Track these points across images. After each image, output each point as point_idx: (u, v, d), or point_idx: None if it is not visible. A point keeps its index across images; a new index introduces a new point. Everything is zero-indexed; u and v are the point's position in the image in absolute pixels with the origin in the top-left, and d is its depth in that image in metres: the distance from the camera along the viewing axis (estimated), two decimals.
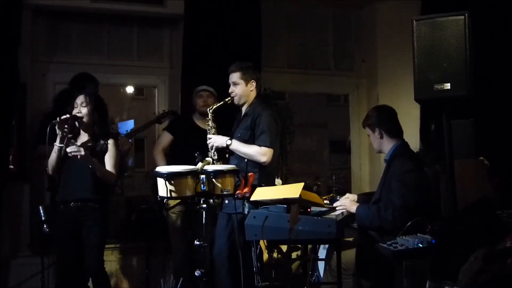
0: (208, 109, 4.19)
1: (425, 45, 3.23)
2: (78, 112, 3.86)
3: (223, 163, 4.05)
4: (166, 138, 4.80)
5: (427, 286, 2.54)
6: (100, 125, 3.95)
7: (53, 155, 3.80)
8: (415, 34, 3.26)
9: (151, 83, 5.80)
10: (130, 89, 13.35)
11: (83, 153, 3.69)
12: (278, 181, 4.92)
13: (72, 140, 3.87)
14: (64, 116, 3.75)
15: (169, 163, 4.53)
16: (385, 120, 3.63)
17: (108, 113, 4.11)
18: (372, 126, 3.67)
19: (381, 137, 3.63)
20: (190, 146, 4.39)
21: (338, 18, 6.33)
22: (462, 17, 3.17)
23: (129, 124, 4.90)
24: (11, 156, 4.72)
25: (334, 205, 3.63)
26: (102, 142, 3.92)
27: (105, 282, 4.06)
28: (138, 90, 14.31)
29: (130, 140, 4.81)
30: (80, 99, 3.89)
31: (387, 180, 3.49)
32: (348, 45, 6.39)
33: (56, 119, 3.71)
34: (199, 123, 4.73)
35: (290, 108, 6.02)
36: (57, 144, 3.77)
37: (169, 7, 5.36)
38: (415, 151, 4.16)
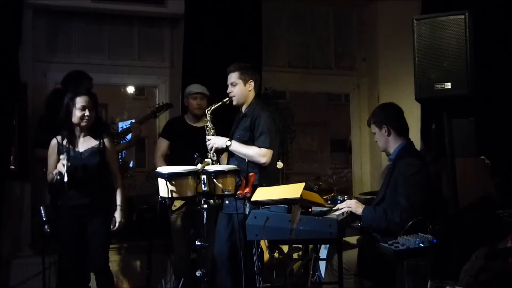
0: (206, 110, 4.19)
1: (425, 45, 3.23)
2: (87, 115, 3.80)
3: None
4: (163, 144, 4.82)
5: (428, 285, 2.53)
6: (97, 126, 3.96)
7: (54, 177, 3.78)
8: (416, 33, 3.26)
9: (151, 83, 5.80)
10: (130, 89, 13.33)
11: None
12: (279, 164, 4.91)
13: (71, 146, 3.86)
14: (57, 171, 3.70)
15: (170, 165, 4.54)
16: (393, 117, 3.59)
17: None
18: (379, 123, 3.62)
19: (388, 135, 3.58)
20: (187, 147, 4.42)
21: (338, 17, 6.33)
22: (463, 16, 3.16)
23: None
24: (12, 156, 4.72)
25: (338, 207, 3.60)
26: (99, 141, 3.93)
27: (110, 281, 4.07)
28: (138, 90, 14.28)
29: (128, 137, 4.83)
30: (84, 102, 3.80)
31: (392, 179, 3.45)
32: (349, 44, 6.39)
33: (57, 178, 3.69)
34: (192, 122, 4.76)
35: (291, 108, 6.02)
36: (57, 175, 3.73)
37: (169, 7, 5.36)
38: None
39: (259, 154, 3.95)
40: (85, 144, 3.91)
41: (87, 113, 3.80)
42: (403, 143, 3.58)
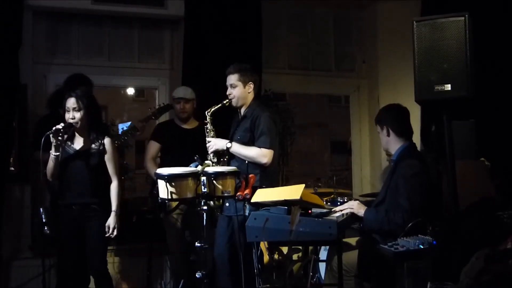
0: (206, 112, 4.19)
1: (425, 46, 3.23)
2: (72, 118, 3.80)
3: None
4: (153, 147, 4.79)
5: (428, 287, 2.54)
6: (95, 127, 3.94)
7: (50, 163, 3.80)
8: (415, 35, 3.26)
9: (152, 84, 5.80)
10: (131, 91, 13.32)
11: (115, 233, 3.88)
12: None
13: (69, 142, 3.87)
14: (58, 126, 3.70)
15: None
16: (394, 120, 3.61)
17: (101, 111, 4.06)
18: (381, 124, 3.66)
19: (388, 135, 3.61)
20: (179, 149, 4.43)
21: (338, 19, 6.33)
22: (462, 18, 3.17)
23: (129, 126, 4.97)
24: (12, 158, 4.72)
25: (339, 208, 3.59)
26: (99, 142, 3.92)
27: (108, 284, 4.06)
28: (139, 91, 14.28)
29: (126, 138, 4.81)
30: (71, 103, 3.81)
31: (393, 181, 3.46)
32: (349, 46, 6.39)
33: (51, 130, 3.66)
34: (182, 124, 4.76)
35: (291, 109, 6.02)
36: (52, 153, 3.75)
37: (169, 8, 5.36)
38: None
39: (260, 154, 3.95)
40: (83, 143, 3.90)
41: (70, 115, 3.81)
42: (404, 144, 3.58)
